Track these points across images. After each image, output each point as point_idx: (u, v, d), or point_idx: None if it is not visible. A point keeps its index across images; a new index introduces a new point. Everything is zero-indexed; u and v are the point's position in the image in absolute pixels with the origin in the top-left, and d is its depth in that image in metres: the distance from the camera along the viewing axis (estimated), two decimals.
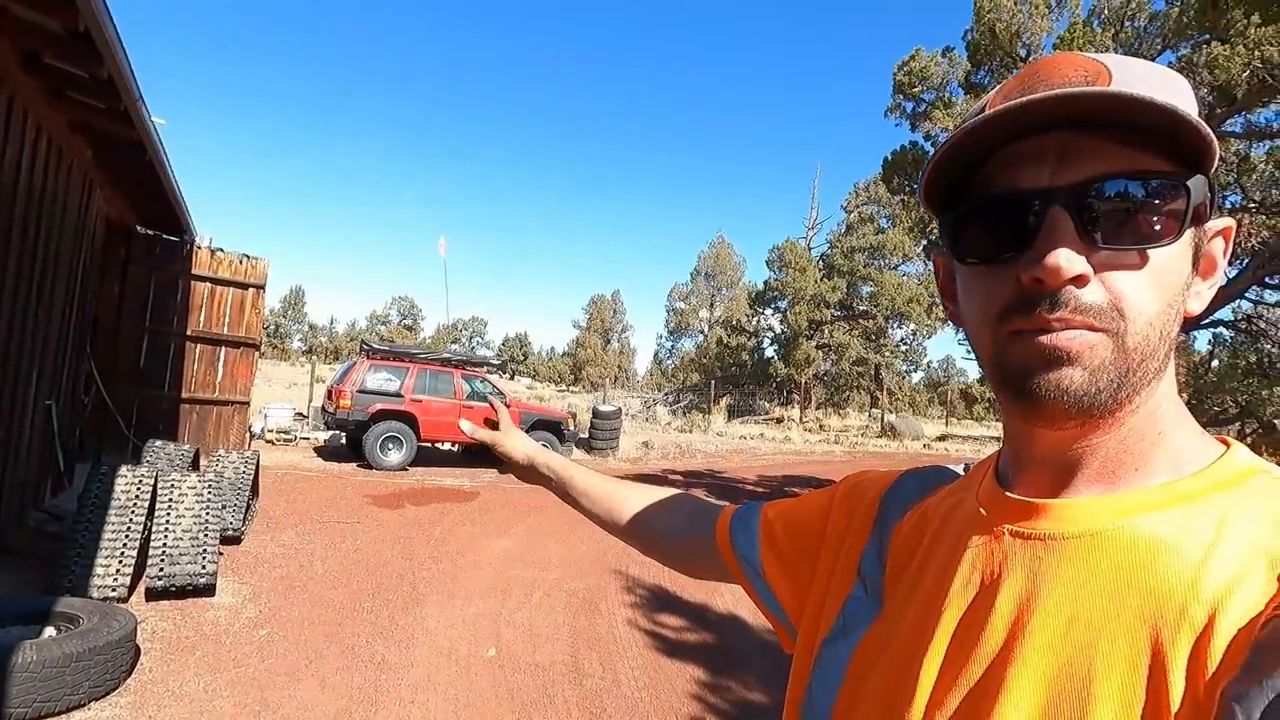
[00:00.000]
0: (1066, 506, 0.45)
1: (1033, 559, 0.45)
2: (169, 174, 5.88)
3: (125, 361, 8.05)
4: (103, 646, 2.92)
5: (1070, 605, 0.42)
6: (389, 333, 52.55)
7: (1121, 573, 0.41)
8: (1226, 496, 0.42)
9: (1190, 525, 0.41)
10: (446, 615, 4.42)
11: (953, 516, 0.55)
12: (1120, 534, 0.42)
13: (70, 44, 3.81)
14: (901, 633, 0.52)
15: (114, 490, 4.22)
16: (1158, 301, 0.42)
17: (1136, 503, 0.43)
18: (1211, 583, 0.38)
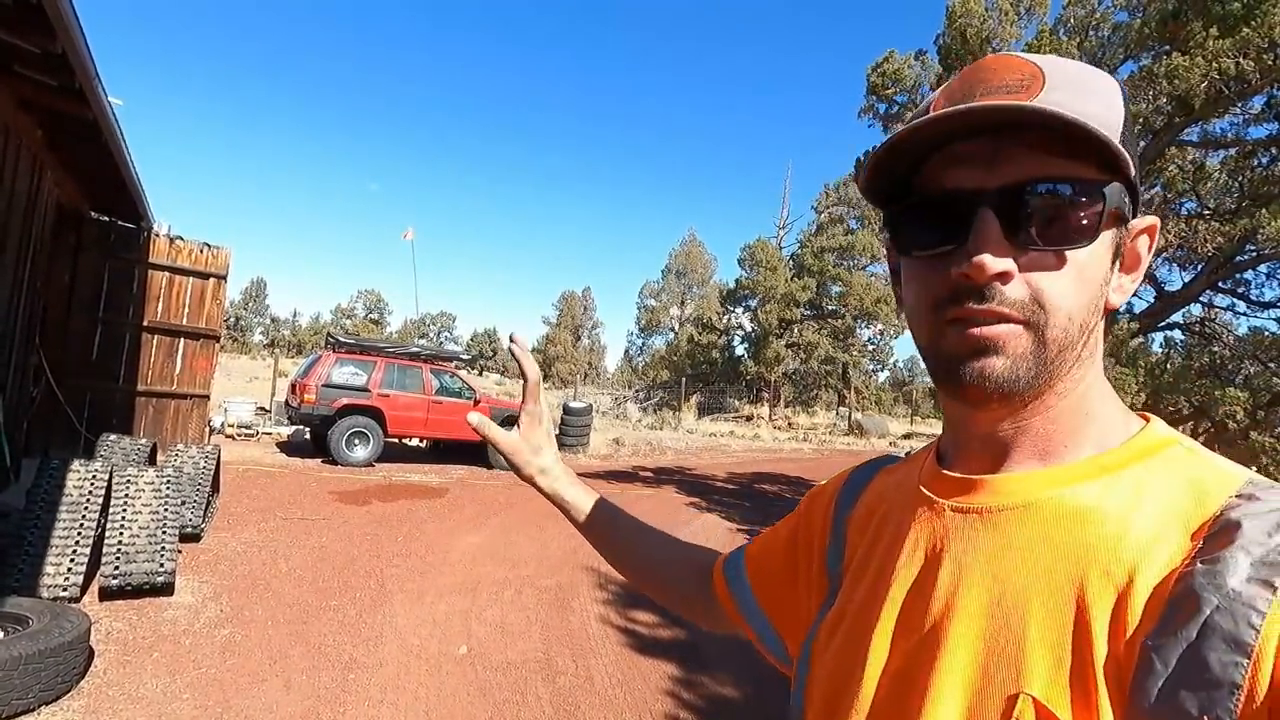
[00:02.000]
0: (1001, 480, 0.49)
1: (970, 531, 0.48)
2: (126, 157, 5.65)
3: (76, 353, 7.72)
4: (54, 648, 2.79)
5: (1003, 572, 0.45)
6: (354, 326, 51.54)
7: (1050, 539, 0.45)
8: (1145, 466, 0.46)
9: (1112, 493, 0.45)
10: (416, 613, 4.34)
11: (896, 497, 0.58)
12: (1049, 504, 0.46)
13: (19, 14, 3.63)
14: (852, 611, 0.54)
15: (65, 486, 4.04)
16: (1077, 297, 0.46)
17: (1065, 475, 0.47)
18: (1131, 545, 0.42)
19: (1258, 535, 0.38)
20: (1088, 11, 7.33)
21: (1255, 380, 5.46)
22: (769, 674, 3.99)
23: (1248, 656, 0.36)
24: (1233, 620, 0.36)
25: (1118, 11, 7.33)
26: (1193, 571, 0.39)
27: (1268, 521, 0.39)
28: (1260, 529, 0.39)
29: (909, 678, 0.46)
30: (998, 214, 0.45)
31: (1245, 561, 0.37)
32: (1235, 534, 0.39)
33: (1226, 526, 0.40)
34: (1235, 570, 0.37)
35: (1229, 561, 0.38)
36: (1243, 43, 5.07)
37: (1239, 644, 0.36)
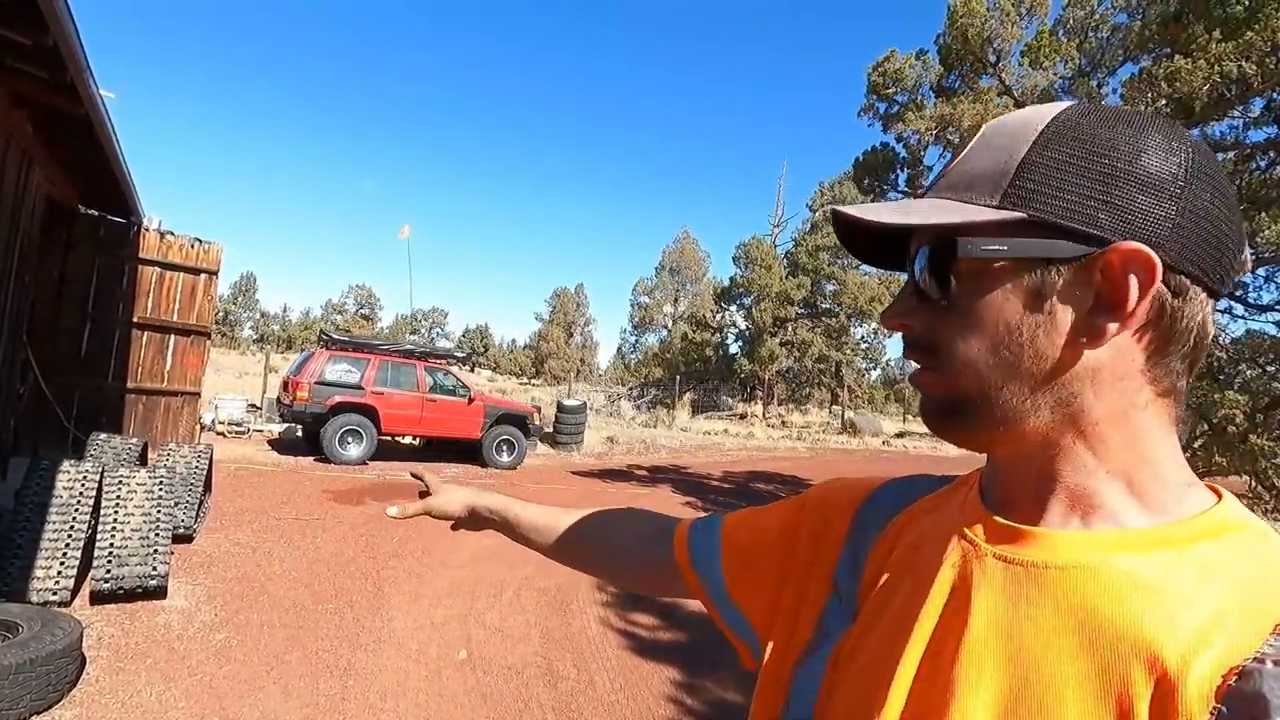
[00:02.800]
0: (1048, 535, 0.46)
1: (1014, 585, 0.46)
2: (117, 152, 5.54)
3: (65, 349, 7.60)
4: (45, 657, 2.72)
5: (1042, 638, 0.43)
6: (346, 322, 51.24)
7: (1098, 611, 0.42)
8: (1211, 547, 0.43)
9: (1171, 571, 0.42)
10: (414, 617, 4.28)
11: (934, 528, 0.55)
12: (1101, 570, 0.43)
13: (11, 6, 3.54)
14: (873, 645, 0.52)
15: (55, 487, 3.96)
16: (971, 343, 0.47)
17: (1119, 541, 0.44)
18: (1186, 630, 0.39)
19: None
20: (1087, 13, 7.33)
21: (1254, 384, 5.48)
22: None
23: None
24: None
25: (1117, 13, 7.33)
26: (1260, 670, 0.36)
27: None
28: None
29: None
30: (910, 274, 0.51)
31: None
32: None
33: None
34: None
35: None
36: (1245, 46, 5.07)
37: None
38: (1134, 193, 0.44)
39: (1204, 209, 0.44)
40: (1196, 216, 0.44)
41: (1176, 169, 0.44)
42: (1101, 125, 0.46)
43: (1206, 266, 0.44)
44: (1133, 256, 0.43)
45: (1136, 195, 0.44)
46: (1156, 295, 0.43)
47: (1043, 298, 0.45)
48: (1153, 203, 0.44)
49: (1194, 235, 0.44)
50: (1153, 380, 0.46)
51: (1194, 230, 0.44)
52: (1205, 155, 0.46)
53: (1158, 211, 0.43)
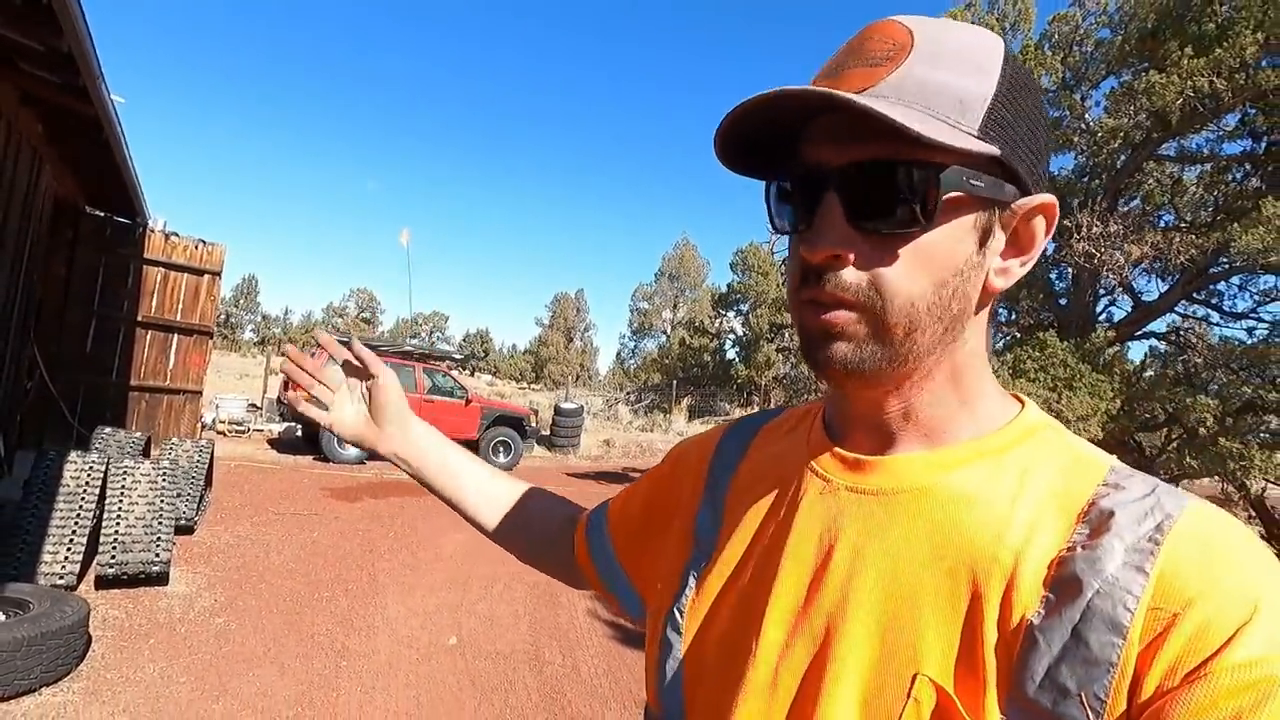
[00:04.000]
0: (892, 462, 0.49)
1: (866, 513, 0.48)
2: (126, 155, 5.71)
3: (71, 347, 7.75)
4: (55, 631, 2.87)
5: (898, 556, 0.45)
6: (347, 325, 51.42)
7: (941, 524, 0.45)
8: (1025, 449, 0.47)
9: (997, 478, 0.46)
10: (407, 605, 4.43)
11: (784, 466, 0.56)
12: (939, 488, 0.46)
13: (27, 13, 3.71)
14: (740, 586, 0.52)
15: (63, 476, 4.11)
16: (917, 282, 0.44)
17: (951, 458, 0.47)
18: (1016, 529, 0.43)
19: (1129, 523, 0.41)
20: (1071, 28, 7.52)
21: (1225, 389, 5.64)
22: None
23: (1123, 637, 0.37)
24: (1111, 603, 0.38)
25: (1100, 29, 7.52)
26: (1074, 557, 0.40)
27: (1137, 509, 0.41)
28: (1132, 516, 0.41)
29: (806, 658, 0.46)
30: (840, 196, 0.44)
31: (1120, 548, 0.39)
32: (1109, 522, 0.41)
33: (1101, 514, 0.42)
34: (1112, 556, 0.39)
35: (1106, 548, 0.40)
36: (1216, 62, 5.25)
37: (1116, 625, 0.38)
38: (1044, 145, 0.48)
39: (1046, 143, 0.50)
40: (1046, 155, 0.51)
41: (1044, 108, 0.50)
42: (1031, 78, 0.48)
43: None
44: (1049, 208, 0.47)
45: (1044, 147, 0.48)
46: None
47: (985, 239, 0.46)
48: (1046, 150, 0.49)
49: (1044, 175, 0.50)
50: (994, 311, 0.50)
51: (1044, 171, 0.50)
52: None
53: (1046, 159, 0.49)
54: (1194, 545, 0.39)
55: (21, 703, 2.74)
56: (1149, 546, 0.39)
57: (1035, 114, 0.46)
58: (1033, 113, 0.46)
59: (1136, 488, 0.43)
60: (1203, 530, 0.40)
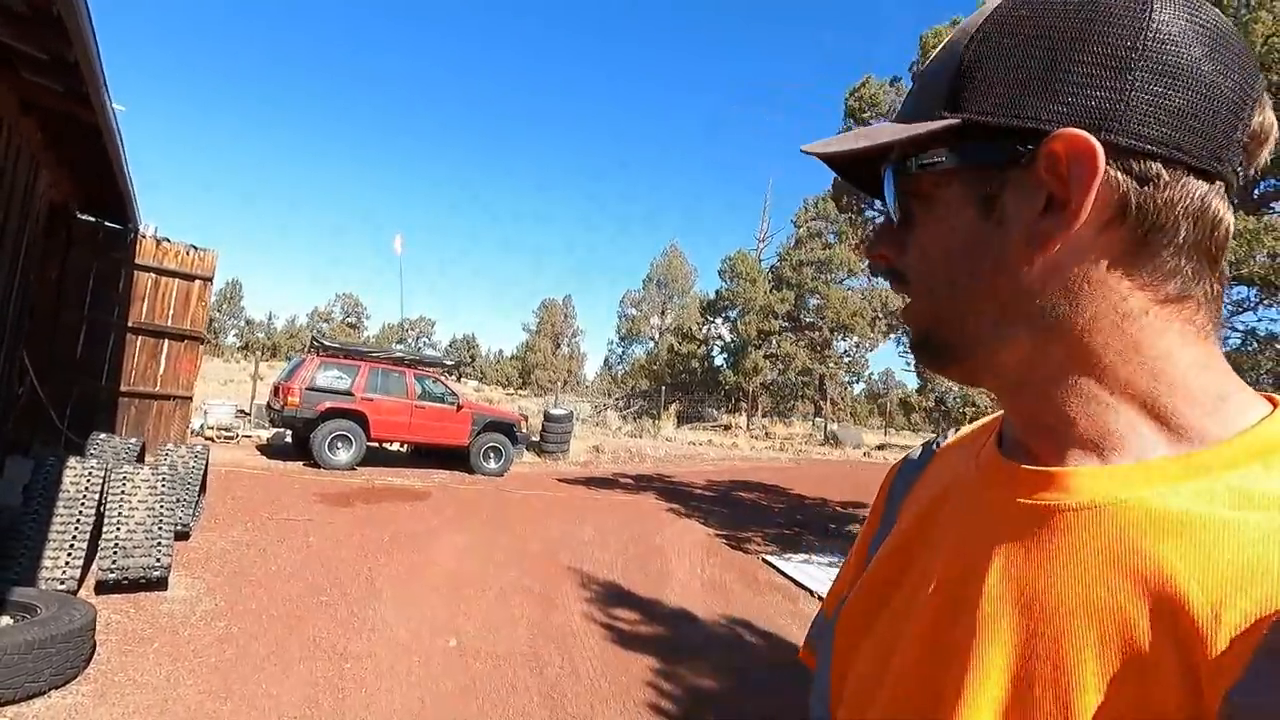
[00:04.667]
0: (1062, 476, 0.41)
1: (1027, 532, 0.41)
2: (123, 161, 5.74)
3: (62, 352, 7.72)
4: (64, 635, 2.91)
5: (1058, 585, 0.38)
6: (332, 330, 51.07)
7: (1115, 554, 0.37)
8: (1256, 472, 0.37)
9: (1201, 505, 0.36)
10: (405, 609, 4.48)
11: (952, 479, 0.52)
12: (1128, 508, 0.38)
13: (35, 23, 3.75)
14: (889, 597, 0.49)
15: (62, 482, 4.13)
16: (936, 265, 0.44)
17: (1143, 475, 0.39)
18: (1223, 571, 0.34)
19: None
20: None
21: None
22: (748, 666, 4.21)
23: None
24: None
25: None
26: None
27: None
28: None
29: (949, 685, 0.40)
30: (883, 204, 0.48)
31: None
32: None
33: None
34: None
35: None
36: None
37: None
38: (1077, 67, 0.38)
39: (1172, 70, 0.37)
40: (1161, 82, 0.37)
41: (1133, 29, 0.37)
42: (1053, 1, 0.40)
43: (1184, 142, 0.37)
44: (1071, 145, 0.37)
45: (1080, 69, 0.38)
46: (1112, 185, 0.38)
47: (992, 208, 0.41)
48: (1100, 74, 0.38)
49: (1159, 106, 0.37)
50: (1145, 284, 0.39)
51: (1158, 100, 0.37)
52: (1181, 5, 0.38)
53: (1106, 84, 0.38)
54: None
55: (32, 705, 2.77)
56: None
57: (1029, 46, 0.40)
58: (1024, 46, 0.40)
59: None
60: None
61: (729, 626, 4.92)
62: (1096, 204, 0.38)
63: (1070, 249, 0.39)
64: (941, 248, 0.44)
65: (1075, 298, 0.40)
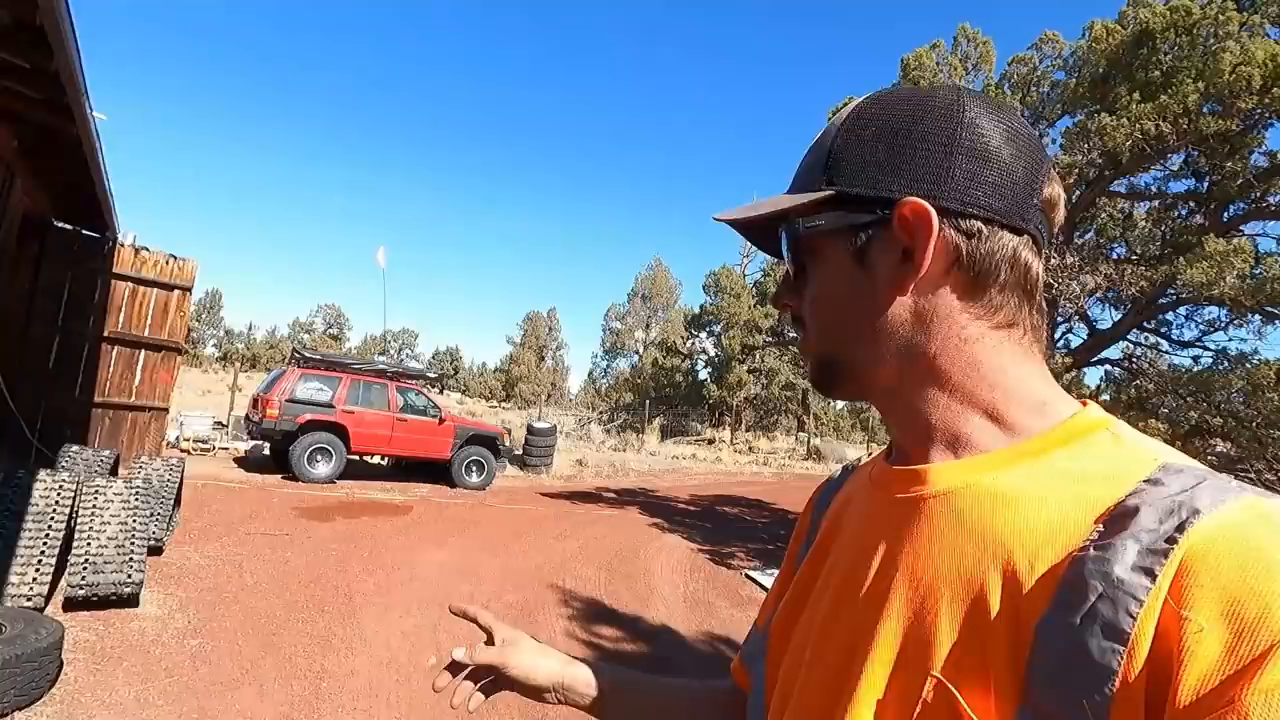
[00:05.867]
0: (926, 472, 0.51)
1: (901, 518, 0.51)
2: (103, 171, 5.67)
3: (33, 362, 7.57)
4: (29, 654, 2.83)
5: (924, 557, 0.48)
6: (313, 341, 50.53)
7: (964, 525, 0.46)
8: (1064, 452, 0.47)
9: (1030, 481, 0.46)
10: (385, 626, 4.41)
11: (855, 490, 0.62)
12: (967, 490, 0.48)
13: (17, 35, 3.72)
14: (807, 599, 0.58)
15: (32, 496, 4.03)
16: (826, 308, 0.55)
17: (985, 463, 0.49)
18: (1037, 530, 0.43)
19: (1150, 522, 0.38)
20: (1029, 69, 7.94)
21: (1174, 414, 5.94)
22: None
23: (1124, 644, 0.36)
24: (1114, 608, 0.37)
25: (1056, 70, 7.96)
26: (1085, 557, 0.39)
27: (1164, 506, 0.39)
28: (1156, 514, 0.39)
29: (843, 660, 0.49)
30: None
31: (1134, 549, 0.38)
32: (1130, 521, 0.39)
33: (1124, 512, 0.40)
34: (1123, 558, 0.38)
35: (1119, 549, 0.38)
36: (1161, 108, 5.62)
37: (1117, 632, 0.36)
38: (914, 152, 0.49)
39: (981, 153, 0.48)
40: (975, 162, 0.48)
41: (951, 123, 0.49)
42: (893, 101, 0.52)
43: (995, 206, 0.48)
44: (914, 210, 0.48)
45: (916, 154, 0.49)
46: (946, 240, 0.48)
47: (863, 261, 0.51)
48: (930, 158, 0.49)
49: (974, 180, 0.48)
50: (980, 315, 0.50)
51: (973, 176, 0.48)
52: (986, 103, 0.51)
53: (935, 165, 0.48)
54: (1227, 545, 0.36)
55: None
56: (1164, 548, 0.37)
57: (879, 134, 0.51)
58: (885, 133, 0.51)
59: (1176, 483, 0.40)
60: (1242, 528, 0.37)
61: (711, 643, 4.90)
62: (936, 254, 0.49)
63: (921, 290, 0.50)
64: (829, 293, 0.54)
65: (928, 327, 0.51)
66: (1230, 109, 5.50)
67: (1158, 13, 6.12)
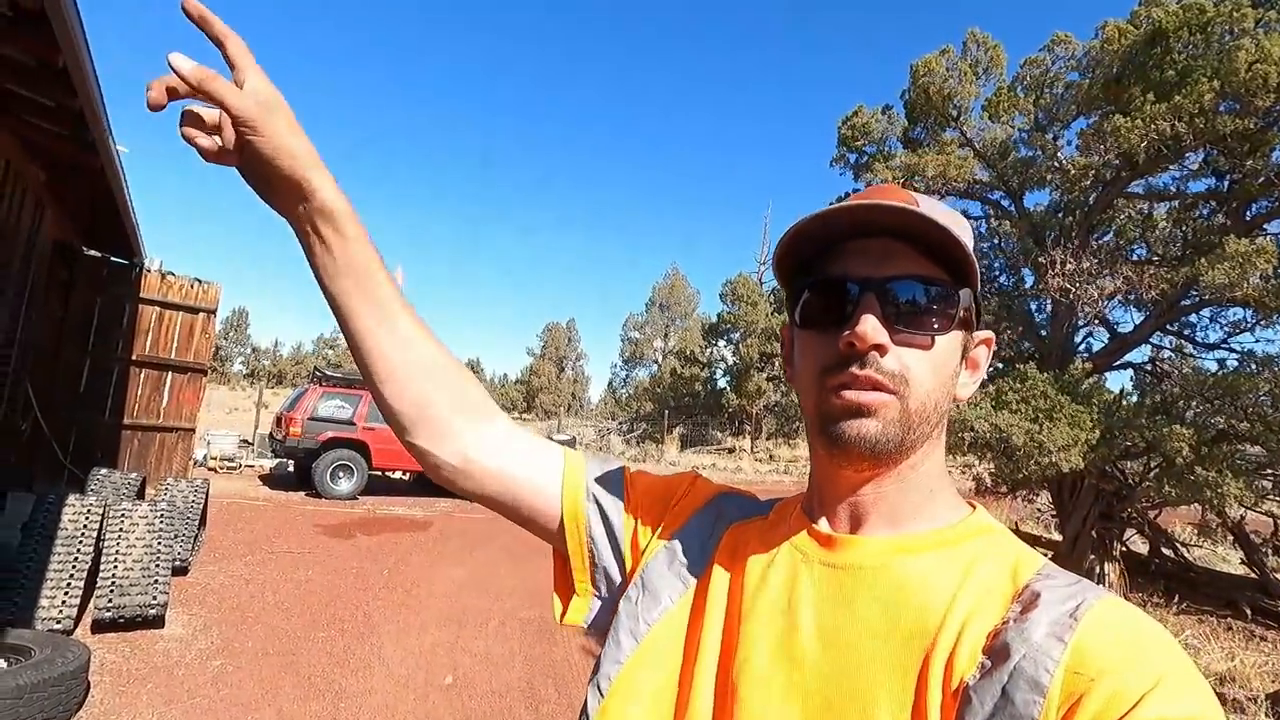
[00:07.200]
0: (863, 542, 0.57)
1: (832, 584, 0.56)
2: (127, 200, 5.85)
3: (64, 386, 7.79)
4: (57, 678, 2.91)
5: (858, 626, 0.53)
6: (337, 357, 51.30)
7: (898, 601, 0.53)
8: (974, 544, 0.56)
9: (948, 565, 0.55)
10: (403, 644, 4.46)
11: (768, 543, 0.63)
12: (899, 568, 0.55)
13: (42, 74, 3.86)
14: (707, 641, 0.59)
15: (61, 520, 4.15)
16: (933, 379, 0.56)
17: (914, 543, 0.56)
18: (960, 609, 0.51)
19: (1054, 602, 0.49)
20: (1041, 71, 7.86)
21: (1200, 418, 5.81)
22: None
23: (1043, 695, 0.44)
24: (1034, 666, 0.45)
25: (1070, 72, 7.87)
26: (1006, 628, 0.49)
27: (1062, 594, 0.50)
28: (1056, 598, 0.49)
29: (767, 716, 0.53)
30: (880, 300, 0.54)
31: (1045, 620, 0.48)
32: (1038, 601, 0.49)
33: (1032, 596, 0.50)
34: (1038, 628, 0.47)
35: (1034, 621, 0.48)
36: (1176, 108, 5.54)
37: (1037, 685, 0.45)
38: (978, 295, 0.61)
39: None
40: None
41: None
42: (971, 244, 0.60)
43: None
44: (991, 340, 0.64)
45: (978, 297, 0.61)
46: None
47: (962, 355, 0.60)
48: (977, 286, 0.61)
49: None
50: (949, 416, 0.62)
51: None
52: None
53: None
54: (1107, 624, 0.47)
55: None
56: (1069, 621, 0.47)
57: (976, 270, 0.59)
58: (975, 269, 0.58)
59: (1063, 579, 0.52)
60: (1115, 615, 0.48)
61: None
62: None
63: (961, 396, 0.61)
64: (944, 369, 0.57)
65: (944, 426, 0.60)
66: (1248, 107, 5.40)
67: (1170, 12, 6.04)
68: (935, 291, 0.56)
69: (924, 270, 0.56)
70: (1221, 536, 7.77)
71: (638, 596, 0.64)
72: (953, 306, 0.56)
